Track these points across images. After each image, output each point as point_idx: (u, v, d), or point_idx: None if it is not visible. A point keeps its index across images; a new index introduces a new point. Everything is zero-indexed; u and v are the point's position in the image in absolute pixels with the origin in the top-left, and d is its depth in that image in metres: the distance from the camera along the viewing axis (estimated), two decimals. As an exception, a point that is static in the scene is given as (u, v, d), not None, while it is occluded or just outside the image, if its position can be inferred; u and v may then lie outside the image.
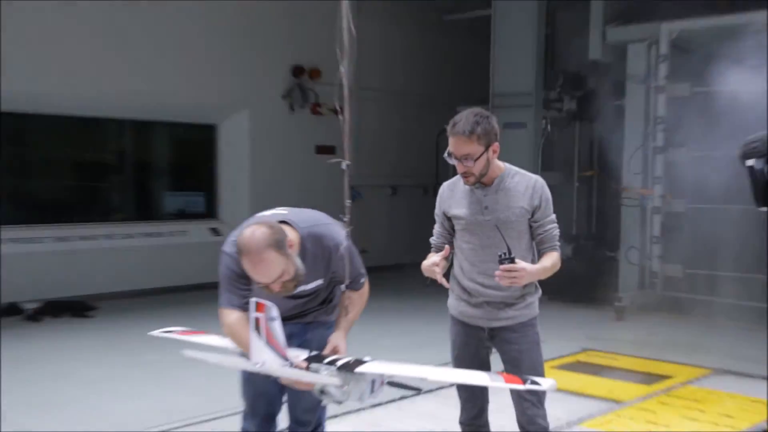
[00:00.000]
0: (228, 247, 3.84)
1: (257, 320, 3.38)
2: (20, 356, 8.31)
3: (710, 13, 10.93)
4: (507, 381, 3.58)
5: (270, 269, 3.60)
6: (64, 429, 5.96)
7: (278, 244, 3.61)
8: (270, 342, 3.39)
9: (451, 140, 3.89)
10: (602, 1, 12.05)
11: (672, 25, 11.36)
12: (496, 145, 3.91)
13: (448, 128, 3.90)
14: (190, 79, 12.50)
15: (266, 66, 13.49)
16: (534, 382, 3.43)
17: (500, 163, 4.03)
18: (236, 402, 6.11)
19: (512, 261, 3.70)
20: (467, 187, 4.02)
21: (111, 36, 11.59)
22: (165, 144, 14.18)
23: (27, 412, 6.41)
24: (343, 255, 3.88)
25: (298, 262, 3.74)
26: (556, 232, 4.02)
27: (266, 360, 3.40)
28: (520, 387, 3.55)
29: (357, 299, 4.10)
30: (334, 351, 3.83)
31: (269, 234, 3.61)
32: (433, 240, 4.22)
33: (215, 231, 12.98)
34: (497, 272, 3.72)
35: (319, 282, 3.97)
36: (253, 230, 3.63)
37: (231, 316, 3.79)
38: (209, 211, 13.76)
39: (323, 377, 3.49)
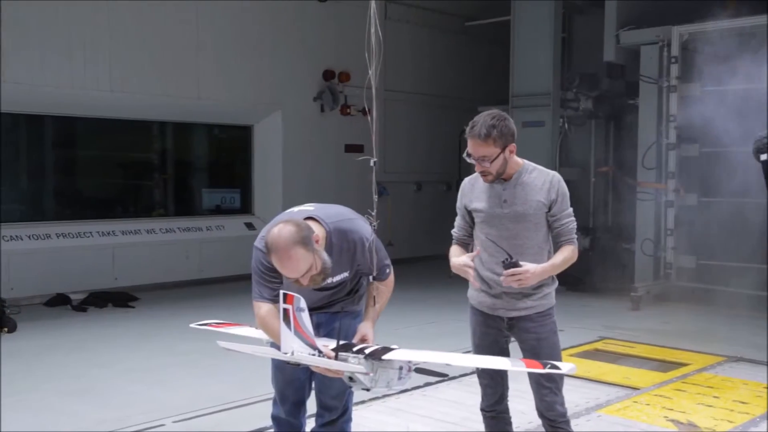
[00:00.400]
0: (259, 242, 3.78)
1: (286, 311, 3.33)
2: (66, 344, 8.31)
3: (719, 16, 10.79)
4: (528, 366, 3.53)
5: (297, 265, 3.55)
6: (104, 415, 5.89)
7: (304, 240, 3.54)
8: (299, 331, 3.34)
9: (469, 142, 3.82)
10: (616, 3, 11.86)
11: (683, 28, 11.27)
12: (512, 146, 3.83)
13: (467, 130, 3.83)
14: (227, 84, 12.53)
15: (298, 70, 13.48)
16: (554, 366, 3.39)
17: (519, 160, 3.95)
18: (267, 389, 6.02)
19: (515, 265, 3.67)
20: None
21: (154, 47, 11.65)
22: (203, 144, 14.20)
23: (69, 399, 6.36)
24: (368, 248, 3.82)
25: (325, 256, 3.67)
26: (573, 225, 3.93)
27: (295, 349, 3.34)
28: (541, 371, 3.48)
29: (383, 289, 4.01)
30: (363, 339, 3.77)
31: (295, 232, 3.54)
32: (454, 232, 4.15)
33: (250, 225, 12.96)
34: (502, 278, 3.69)
35: (345, 275, 3.89)
36: (279, 229, 3.57)
37: (262, 308, 3.76)
38: (244, 207, 13.72)
39: (350, 365, 3.39)
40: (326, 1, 13.50)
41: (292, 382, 4.12)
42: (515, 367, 3.55)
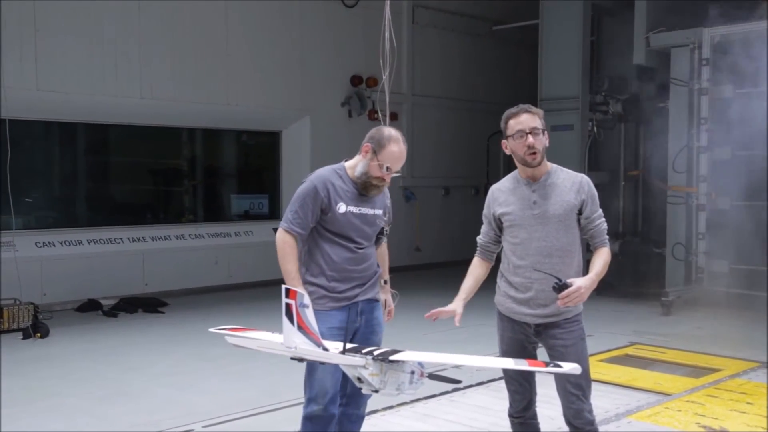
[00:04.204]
0: (314, 177, 4.24)
1: (288, 306, 3.25)
2: (97, 349, 8.40)
3: (752, 18, 10.70)
4: (531, 365, 3.56)
5: (404, 156, 4.22)
6: (134, 419, 5.95)
7: None
8: (302, 328, 3.26)
9: (519, 118, 3.92)
10: (646, 4, 11.77)
11: (714, 30, 11.18)
12: (547, 134, 3.96)
13: (510, 113, 3.96)
14: (256, 90, 12.63)
15: (326, 76, 13.55)
16: (556, 365, 3.37)
17: (547, 163, 4.00)
18: (296, 393, 6.05)
19: (566, 286, 3.68)
20: (515, 185, 3.99)
21: (184, 53, 11.77)
22: (232, 150, 14.30)
23: (101, 403, 6.43)
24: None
25: None
26: (605, 226, 3.97)
27: (298, 344, 3.28)
28: (543, 369, 3.45)
29: (383, 257, 4.57)
30: (390, 311, 4.42)
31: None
32: (479, 239, 4.17)
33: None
34: (559, 302, 3.71)
35: (380, 212, 4.35)
36: (388, 129, 4.22)
37: (287, 236, 4.19)
38: (273, 212, 13.77)
39: (353, 359, 3.34)
40: (354, 6, 13.56)
41: (333, 374, 4.16)
42: (518, 366, 3.60)
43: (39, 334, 8.86)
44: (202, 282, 12.09)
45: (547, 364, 3.38)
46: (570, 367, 3.30)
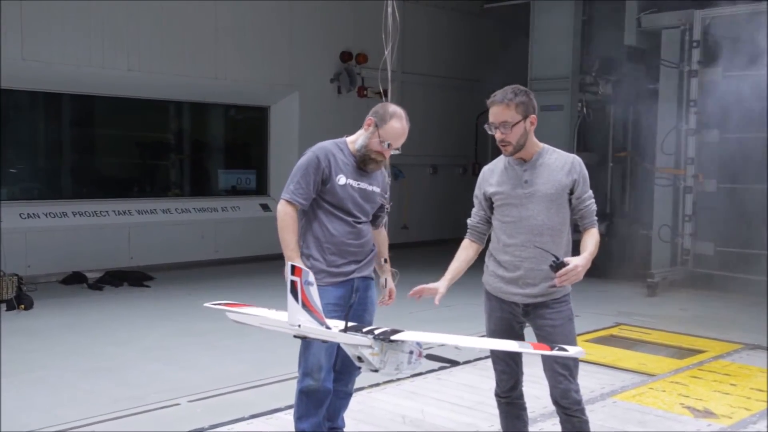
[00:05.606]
0: (316, 148, 4.31)
1: (294, 283, 3.24)
2: (82, 323, 8.36)
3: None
4: (536, 348, 3.52)
5: (406, 133, 4.32)
6: (120, 393, 5.92)
7: None
8: (306, 305, 3.26)
9: (490, 110, 3.88)
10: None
11: (705, 12, 11.17)
12: (533, 117, 3.88)
13: (489, 100, 3.89)
14: (245, 64, 12.55)
15: (316, 51, 13.47)
16: (562, 348, 3.36)
17: (539, 142, 3.97)
18: (282, 369, 6.08)
19: (563, 265, 3.66)
20: (506, 165, 3.96)
21: (173, 26, 11.66)
22: (220, 124, 14.22)
23: (86, 376, 6.40)
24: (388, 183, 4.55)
25: None
26: (594, 207, 3.97)
27: (302, 321, 3.29)
28: (549, 353, 3.47)
29: (383, 240, 4.59)
30: (390, 293, 4.48)
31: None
32: (470, 221, 4.15)
33: (265, 207, 12.97)
34: (557, 281, 3.69)
35: (378, 189, 4.38)
36: (392, 105, 4.29)
37: (288, 207, 4.23)
38: (260, 188, 13.74)
39: (358, 338, 3.35)
40: (344, -19, 13.47)
41: (327, 349, 4.18)
42: (523, 349, 3.55)
43: (23, 306, 8.82)
44: (188, 257, 12.05)
45: (552, 347, 3.37)
46: (575, 351, 3.31)
